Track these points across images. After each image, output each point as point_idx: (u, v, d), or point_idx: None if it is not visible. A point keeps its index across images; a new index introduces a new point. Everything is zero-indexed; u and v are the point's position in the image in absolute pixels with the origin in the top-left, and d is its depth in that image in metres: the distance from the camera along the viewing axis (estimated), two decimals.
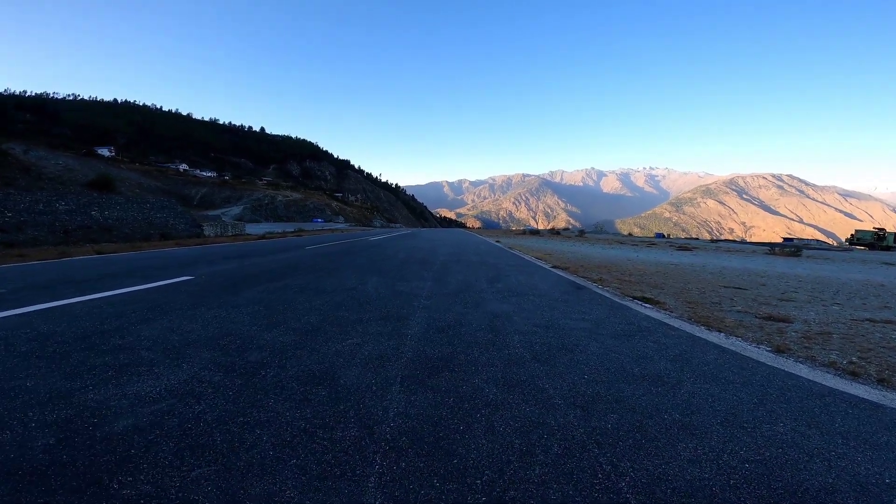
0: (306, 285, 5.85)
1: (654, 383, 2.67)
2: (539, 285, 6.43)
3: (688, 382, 2.72)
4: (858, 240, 50.22)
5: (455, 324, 3.88)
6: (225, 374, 2.63)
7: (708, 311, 5.17)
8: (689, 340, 3.69)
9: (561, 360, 3.01)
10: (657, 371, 2.89)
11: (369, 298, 4.97)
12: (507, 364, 2.90)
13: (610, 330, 3.90)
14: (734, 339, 3.85)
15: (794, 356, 3.42)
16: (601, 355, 3.16)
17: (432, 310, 4.41)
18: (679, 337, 3.79)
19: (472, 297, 5.20)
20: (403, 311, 4.30)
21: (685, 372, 2.90)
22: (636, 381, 2.70)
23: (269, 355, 2.98)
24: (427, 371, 2.74)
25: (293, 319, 3.92)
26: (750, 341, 3.82)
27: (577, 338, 3.58)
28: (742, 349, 3.53)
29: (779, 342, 3.80)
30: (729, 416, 2.27)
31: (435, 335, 3.50)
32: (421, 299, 4.97)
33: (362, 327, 3.69)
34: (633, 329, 3.97)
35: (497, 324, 3.94)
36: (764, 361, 3.23)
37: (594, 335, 3.69)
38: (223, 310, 4.29)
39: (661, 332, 3.94)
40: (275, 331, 3.56)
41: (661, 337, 3.75)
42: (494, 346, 3.26)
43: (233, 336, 3.41)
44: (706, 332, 4.02)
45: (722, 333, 4.04)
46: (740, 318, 4.85)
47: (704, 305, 5.52)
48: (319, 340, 3.31)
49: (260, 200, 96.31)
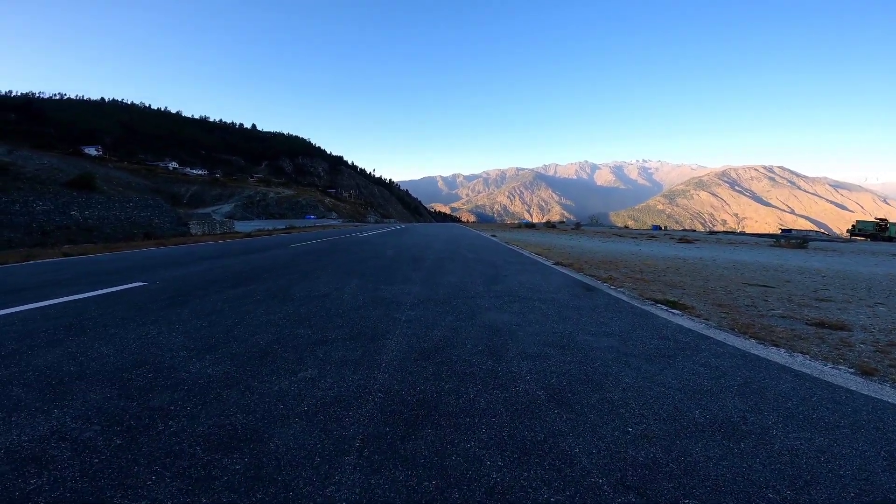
0: (273, 291, 4.99)
1: (731, 435, 1.87)
2: (543, 287, 5.60)
3: (777, 431, 1.92)
4: (860, 230, 49.78)
5: (444, 344, 3.03)
6: (103, 428, 1.85)
7: (746, 316, 4.36)
8: (747, 361, 2.88)
9: (589, 401, 2.18)
10: (726, 413, 2.09)
11: (343, 308, 4.11)
12: (515, 411, 2.07)
13: (642, 348, 3.07)
14: (800, 357, 3.04)
15: (888, 379, 2.62)
16: (641, 390, 2.33)
17: (417, 324, 3.56)
18: (731, 356, 2.97)
19: (467, 305, 4.36)
20: (381, 327, 3.45)
21: (766, 413, 2.10)
22: (703, 432, 1.88)
23: (182, 397, 2.15)
24: (401, 427, 1.90)
25: (238, 340, 3.07)
26: (820, 359, 3.01)
27: (602, 362, 2.75)
28: (819, 372, 2.72)
29: (855, 359, 2.99)
30: (864, 486, 1.47)
31: (417, 363, 2.66)
32: (405, 309, 4.11)
33: (324, 351, 2.85)
34: (671, 346, 3.15)
35: (498, 343, 3.09)
36: (856, 389, 2.43)
37: (624, 357, 2.87)
38: (157, 326, 3.43)
39: (706, 349, 3.12)
40: (208, 357, 2.72)
41: (709, 357, 2.93)
42: (496, 380, 2.42)
43: (148, 366, 2.57)
44: (761, 348, 3.21)
45: (781, 349, 3.23)
46: (788, 325, 4.05)
47: (739, 309, 4.72)
48: (262, 373, 2.47)
49: (251, 198, 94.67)
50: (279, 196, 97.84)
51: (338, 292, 4.94)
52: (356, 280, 5.88)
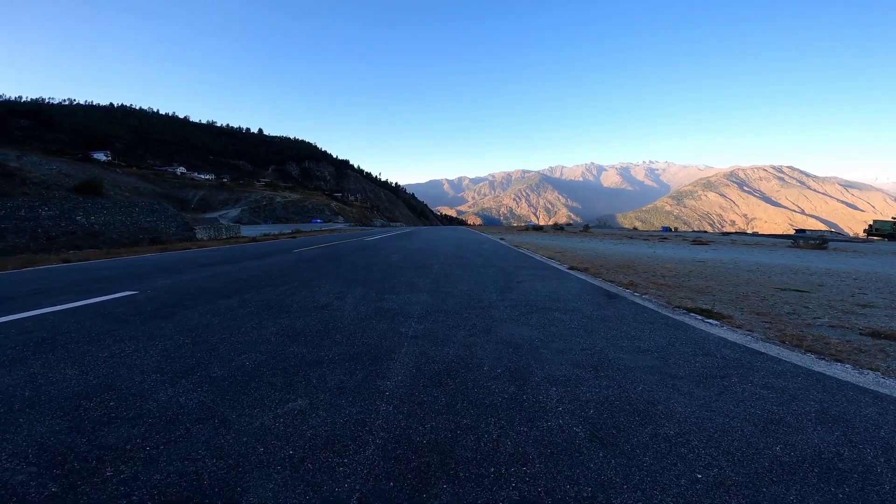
0: (269, 302, 4.61)
1: (828, 476, 1.48)
2: (562, 295, 5.17)
3: (882, 468, 1.53)
4: (877, 230, 48.65)
5: (458, 366, 2.63)
6: (40, 471, 1.57)
7: (791, 326, 3.92)
8: (814, 381, 2.45)
9: (639, 439, 1.77)
10: (813, 448, 1.69)
11: (343, 322, 3.71)
12: (550, 455, 1.66)
13: (687, 368, 2.64)
14: (871, 374, 2.60)
15: None
16: (701, 422, 1.92)
17: (426, 340, 3.15)
18: (794, 375, 2.54)
19: (481, 317, 3.95)
20: (384, 344, 3.04)
21: (861, 446, 1.70)
22: (793, 475, 1.47)
23: (142, 433, 1.78)
24: (409, 480, 1.50)
25: (221, 361, 2.69)
26: (893, 376, 2.58)
27: (645, 386, 2.33)
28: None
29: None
30: None
31: (427, 391, 2.25)
32: (412, 322, 3.70)
33: (318, 376, 2.45)
34: (719, 364, 2.72)
35: (519, 364, 2.68)
36: None
37: (669, 380, 2.44)
38: (134, 343, 3.06)
39: (761, 367, 2.69)
40: (182, 382, 2.34)
41: (768, 377, 2.50)
42: (522, 413, 2.01)
43: (112, 391, 2.21)
44: (824, 364, 2.77)
45: (845, 364, 2.79)
46: (842, 336, 3.60)
47: (781, 318, 4.27)
48: (242, 403, 2.08)
49: (258, 202, 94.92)
50: (286, 200, 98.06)
51: (339, 302, 4.55)
52: (359, 288, 5.49)
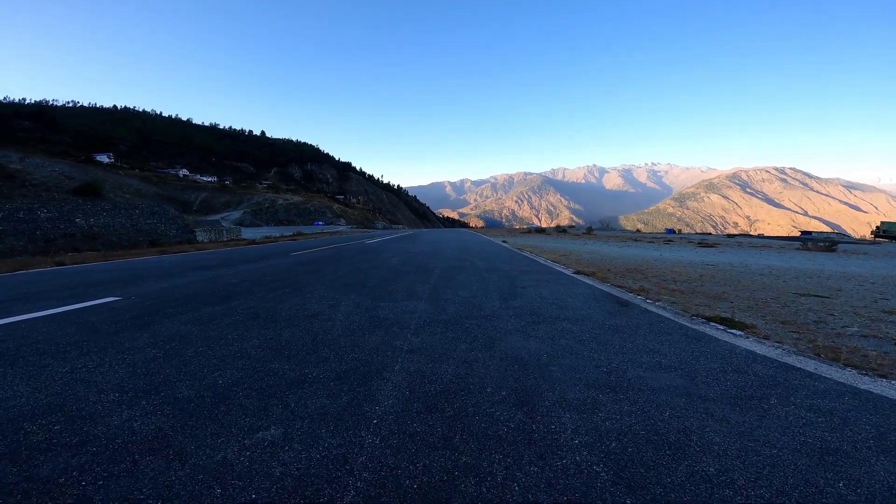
0: (257, 309, 4.32)
1: None
2: (569, 302, 4.86)
3: None
4: (885, 232, 48.10)
5: (457, 387, 2.32)
6: None
7: (822, 336, 3.60)
8: (863, 401, 2.14)
9: (674, 479, 1.47)
10: (884, 484, 1.39)
11: (333, 334, 3.41)
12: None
13: (717, 387, 2.34)
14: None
15: None
16: (744, 455, 1.61)
17: (422, 356, 2.84)
18: (839, 394, 2.23)
19: (482, 328, 3.64)
20: (376, 361, 2.74)
21: None
22: None
23: (82, 464, 1.52)
24: None
25: (192, 378, 2.40)
26: None
27: (672, 411, 2.03)
28: None
29: None
30: None
31: (420, 419, 1.95)
32: (408, 334, 3.40)
33: (298, 399, 2.16)
34: (753, 383, 2.41)
35: (527, 384, 2.37)
36: None
37: (699, 402, 2.14)
38: (101, 356, 2.78)
39: (800, 385, 2.38)
40: (142, 404, 2.05)
41: (811, 397, 2.19)
42: (531, 448, 1.71)
43: (61, 413, 1.93)
44: (868, 381, 2.46)
45: (893, 381, 2.49)
46: (878, 347, 3.29)
47: (808, 327, 3.95)
48: (205, 431, 1.79)
49: (260, 204, 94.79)
50: (288, 203, 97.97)
51: (331, 311, 4.25)
52: (354, 295, 5.19)
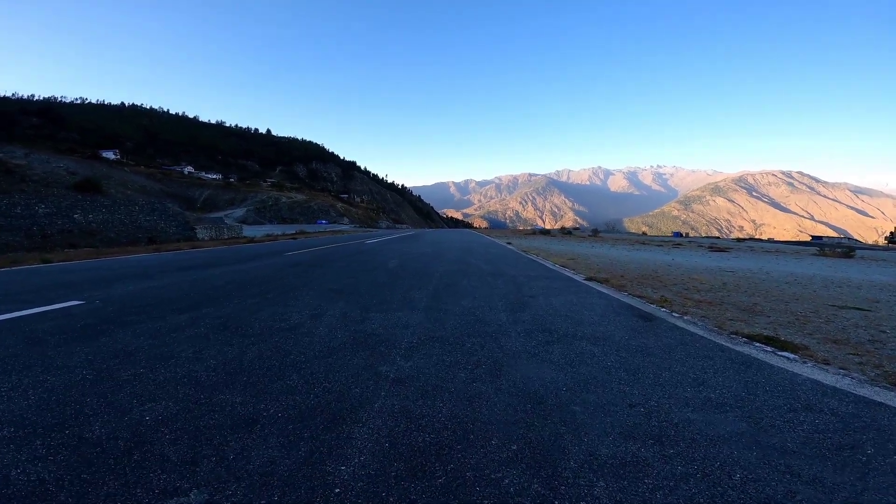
0: (228, 319, 3.77)
1: None
2: (585, 315, 4.28)
3: None
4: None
5: (452, 437, 1.76)
6: None
7: (887, 360, 3.02)
8: None
9: None
10: None
11: (308, 354, 2.86)
12: None
13: (792, 433, 1.76)
14: None
15: None
16: None
17: (411, 387, 2.28)
18: None
19: (487, 348, 3.08)
20: (354, 393, 2.18)
21: None
22: None
23: None
24: None
25: (113, 411, 1.85)
26: None
27: (746, 473, 1.46)
28: None
29: None
30: None
31: (400, 487, 1.39)
32: (397, 356, 2.84)
33: (241, 447, 1.60)
34: (834, 425, 1.83)
35: (545, 435, 1.79)
36: None
37: (776, 457, 1.56)
38: (18, 377, 2.24)
39: (886, 422, 1.81)
40: (36, 445, 1.50)
41: None
42: None
43: None
44: None
45: None
46: None
47: (864, 347, 3.37)
48: (95, 495, 1.25)
49: (264, 202, 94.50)
50: (291, 201, 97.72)
51: (312, 323, 3.70)
52: (343, 303, 4.64)
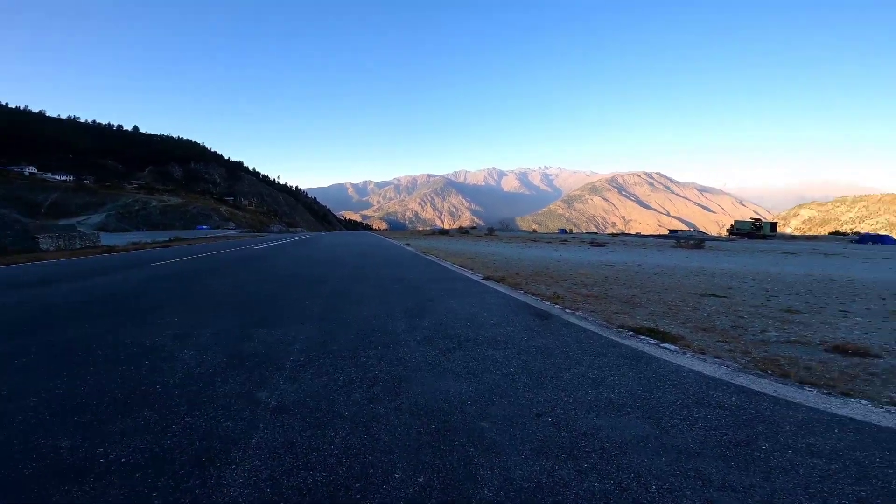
0: (64, 346, 2.99)
1: None
2: (485, 317, 4.22)
3: None
4: (738, 230, 55.84)
5: (347, 476, 1.44)
6: None
7: (750, 345, 3.37)
8: (861, 435, 1.71)
9: None
10: None
11: (166, 382, 2.34)
12: None
13: (692, 433, 1.77)
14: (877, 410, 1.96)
15: None
16: None
17: (296, 417, 1.89)
18: (826, 426, 1.78)
19: (386, 361, 2.81)
20: (225, 429, 1.74)
21: None
22: None
23: None
24: None
25: None
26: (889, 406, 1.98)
27: (662, 485, 1.39)
28: None
29: None
30: None
31: None
32: (281, 377, 2.43)
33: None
34: (726, 419, 1.89)
35: (454, 461, 1.56)
36: None
37: (683, 461, 1.53)
38: None
39: (778, 418, 1.90)
40: None
41: (800, 434, 1.72)
42: None
43: None
44: (838, 402, 2.09)
45: (860, 400, 2.15)
46: (812, 356, 3.09)
47: (729, 334, 3.75)
48: None
49: (129, 206, 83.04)
50: (164, 205, 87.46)
51: (176, 344, 3.11)
52: (218, 319, 4.03)
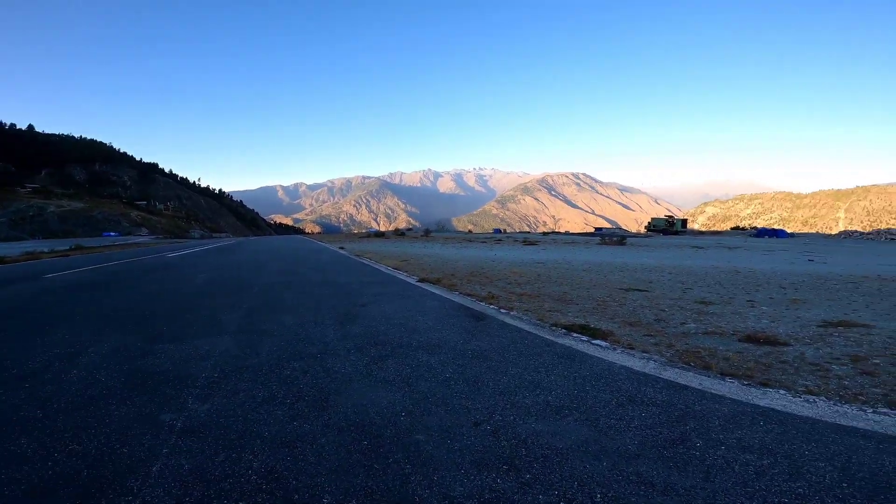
0: None
1: None
2: (420, 321, 4.09)
3: None
4: (654, 227, 60.26)
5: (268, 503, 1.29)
6: None
7: (674, 338, 3.52)
8: (785, 427, 1.77)
9: None
10: None
11: (50, 407, 1.95)
12: None
13: (629, 433, 1.75)
14: (823, 403, 2.08)
15: None
16: None
17: (206, 441, 1.64)
18: (751, 419, 1.84)
19: (313, 373, 2.59)
20: (121, 455, 1.46)
21: None
22: None
23: None
24: None
25: None
26: (839, 400, 2.13)
27: (605, 492, 1.33)
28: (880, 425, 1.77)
29: (858, 389, 2.17)
30: None
31: None
32: (190, 397, 2.11)
33: None
34: (659, 417, 1.90)
35: (388, 480, 1.39)
36: None
37: (622, 464, 1.49)
38: None
39: (706, 413, 1.94)
40: None
41: (730, 430, 1.75)
42: None
43: None
44: (757, 393, 2.20)
45: (779, 390, 2.28)
46: (728, 347, 3.28)
47: (654, 327, 3.91)
48: None
49: (22, 212, 73.66)
50: (63, 210, 78.63)
51: (64, 364, 2.66)
52: (119, 334, 3.55)
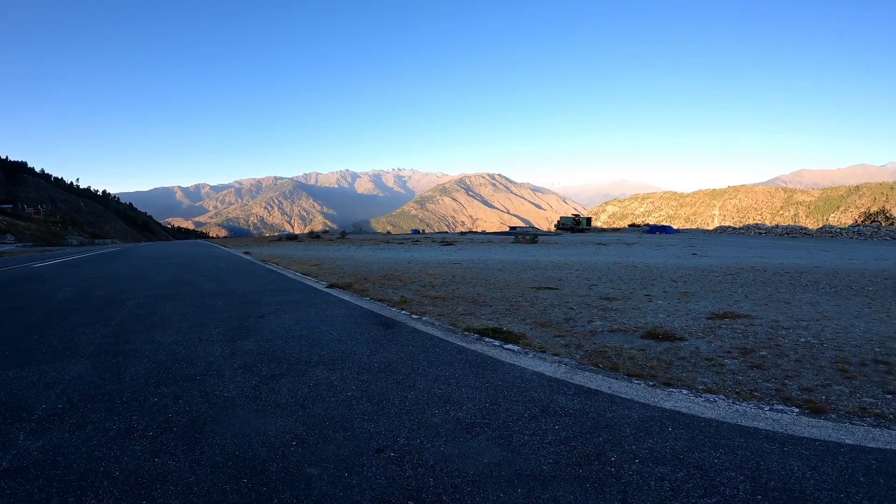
0: None
1: None
2: (324, 331, 3.72)
3: None
4: (562, 225, 63.74)
5: None
6: None
7: (583, 338, 3.54)
8: (693, 433, 1.72)
9: None
10: None
11: None
12: None
13: (544, 452, 1.59)
14: (725, 402, 2.11)
15: (848, 417, 1.84)
16: None
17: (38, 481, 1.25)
18: (660, 426, 1.79)
19: (185, 400, 2.15)
20: None
21: None
22: None
23: None
24: None
25: None
26: (736, 397, 2.17)
27: None
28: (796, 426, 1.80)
29: (754, 386, 2.26)
30: None
31: None
32: (22, 432, 1.58)
33: None
34: (572, 429, 1.78)
35: None
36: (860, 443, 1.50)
37: (540, 490, 1.34)
38: None
39: (617, 421, 1.86)
40: None
41: (642, 439, 1.67)
42: None
43: None
44: (662, 394, 2.19)
45: (681, 390, 2.29)
46: (632, 344, 3.35)
47: (563, 327, 3.93)
48: None
49: None
50: None
51: None
52: None
